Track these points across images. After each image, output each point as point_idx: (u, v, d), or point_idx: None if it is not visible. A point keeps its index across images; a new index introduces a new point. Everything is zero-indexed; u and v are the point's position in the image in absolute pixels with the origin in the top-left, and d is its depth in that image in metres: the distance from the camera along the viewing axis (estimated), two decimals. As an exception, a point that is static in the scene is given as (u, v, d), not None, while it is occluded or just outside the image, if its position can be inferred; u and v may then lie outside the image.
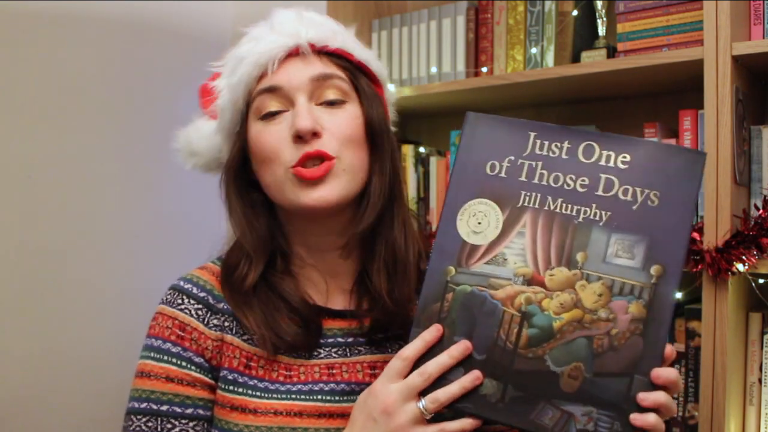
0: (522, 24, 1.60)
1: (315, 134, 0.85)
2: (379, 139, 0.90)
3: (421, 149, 1.79)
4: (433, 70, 1.72)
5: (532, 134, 0.79)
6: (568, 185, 0.77)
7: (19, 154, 1.62)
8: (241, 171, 0.92)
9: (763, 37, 1.29)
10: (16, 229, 1.62)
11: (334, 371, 0.89)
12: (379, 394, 0.77)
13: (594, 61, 1.47)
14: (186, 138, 0.98)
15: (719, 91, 1.23)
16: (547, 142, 0.79)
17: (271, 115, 0.88)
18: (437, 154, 1.79)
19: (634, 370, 0.72)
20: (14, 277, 1.61)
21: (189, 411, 0.86)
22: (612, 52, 1.49)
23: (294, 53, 0.88)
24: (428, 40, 1.74)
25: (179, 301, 0.89)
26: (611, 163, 0.77)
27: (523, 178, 0.78)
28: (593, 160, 0.77)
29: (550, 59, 1.55)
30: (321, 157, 0.85)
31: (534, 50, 1.57)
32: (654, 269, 0.74)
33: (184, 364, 0.86)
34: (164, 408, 0.85)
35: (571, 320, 0.74)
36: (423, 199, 1.76)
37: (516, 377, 0.74)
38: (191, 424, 0.86)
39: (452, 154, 1.70)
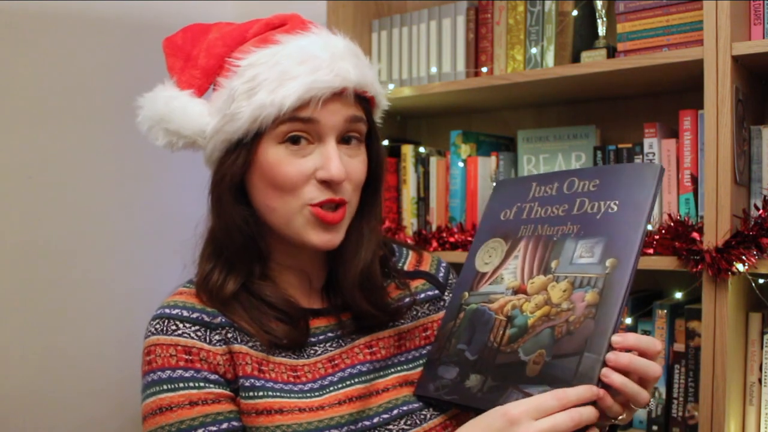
0: (522, 24, 1.60)
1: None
2: (376, 183, 0.94)
3: (421, 149, 1.79)
4: (433, 70, 1.72)
5: (534, 183, 0.95)
6: (554, 213, 0.90)
7: (19, 154, 1.62)
8: (239, 183, 0.90)
9: (763, 37, 1.29)
10: (17, 229, 1.62)
11: (336, 362, 0.92)
12: (520, 428, 0.74)
13: (594, 61, 1.47)
14: (164, 113, 0.92)
15: (719, 91, 1.23)
16: (543, 186, 0.94)
17: (293, 142, 0.86)
18: (437, 154, 1.79)
19: (584, 348, 0.77)
20: (14, 277, 1.61)
21: (224, 426, 0.83)
22: (612, 52, 1.49)
23: (338, 92, 0.86)
24: (428, 40, 1.74)
25: (173, 328, 0.86)
26: (585, 189, 0.89)
27: (524, 217, 0.93)
28: (573, 190, 0.90)
29: (550, 59, 1.55)
30: (340, 204, 0.88)
31: (534, 50, 1.57)
32: (609, 262, 0.81)
33: (202, 384, 0.84)
34: None
35: (541, 315, 0.83)
36: (423, 199, 1.76)
37: (495, 370, 0.83)
38: None
39: (452, 154, 1.70)
